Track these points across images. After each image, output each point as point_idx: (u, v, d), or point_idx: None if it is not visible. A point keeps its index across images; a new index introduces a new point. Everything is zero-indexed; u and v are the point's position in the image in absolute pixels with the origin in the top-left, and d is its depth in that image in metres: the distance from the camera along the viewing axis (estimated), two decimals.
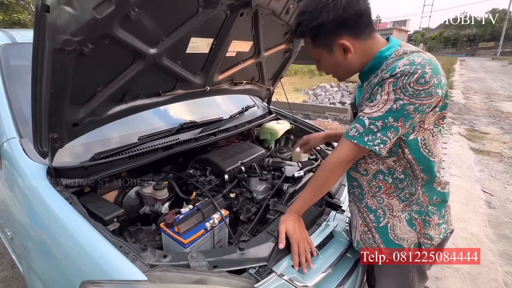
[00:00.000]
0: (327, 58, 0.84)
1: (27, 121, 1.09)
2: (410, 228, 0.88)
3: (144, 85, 1.10)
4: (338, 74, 0.90)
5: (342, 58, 0.82)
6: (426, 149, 0.80)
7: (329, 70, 0.89)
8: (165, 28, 0.95)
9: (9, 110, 1.09)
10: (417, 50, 0.76)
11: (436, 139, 0.81)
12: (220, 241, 1.01)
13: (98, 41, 0.76)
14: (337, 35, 0.79)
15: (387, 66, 0.76)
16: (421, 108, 0.72)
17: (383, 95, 0.73)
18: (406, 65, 0.70)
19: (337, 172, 0.84)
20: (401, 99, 0.70)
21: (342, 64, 0.84)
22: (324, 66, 0.88)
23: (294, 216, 0.92)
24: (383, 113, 0.73)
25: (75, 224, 0.80)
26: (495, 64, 20.24)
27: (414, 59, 0.70)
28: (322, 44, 0.81)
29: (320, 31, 0.78)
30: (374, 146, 0.75)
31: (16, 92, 1.15)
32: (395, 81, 0.70)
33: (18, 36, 1.45)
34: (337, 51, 0.81)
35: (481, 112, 6.98)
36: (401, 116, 0.72)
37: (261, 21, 1.30)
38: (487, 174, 3.61)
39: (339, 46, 0.79)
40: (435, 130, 0.80)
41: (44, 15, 0.61)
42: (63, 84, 0.76)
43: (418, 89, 0.69)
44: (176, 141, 1.29)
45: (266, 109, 2.03)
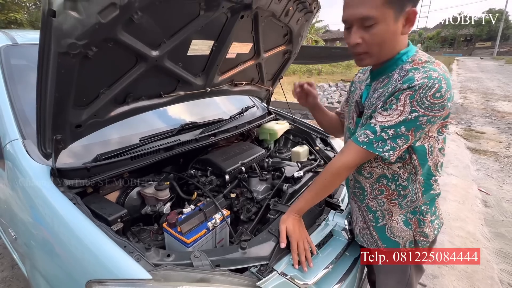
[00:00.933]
0: (390, 23, 0.72)
1: (30, 123, 1.10)
2: (406, 228, 0.91)
3: (146, 87, 1.12)
4: (380, 52, 0.78)
5: (399, 32, 0.74)
6: (432, 155, 0.82)
7: (378, 41, 0.75)
8: (167, 31, 0.97)
9: (12, 111, 1.10)
10: (431, 60, 0.76)
11: (439, 146, 0.83)
12: (221, 240, 1.02)
13: (102, 44, 0.77)
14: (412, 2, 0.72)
15: (402, 73, 0.76)
16: (433, 119, 0.73)
17: (398, 106, 0.73)
18: (424, 78, 0.70)
19: (342, 175, 0.86)
20: (417, 111, 0.71)
21: (395, 39, 0.75)
22: (378, 33, 0.73)
23: (295, 215, 0.94)
24: (396, 122, 0.73)
25: (79, 224, 0.81)
26: (492, 63, 20.38)
27: (431, 73, 0.71)
28: (396, 2, 0.70)
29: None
30: (384, 152, 0.76)
31: (18, 94, 1.16)
32: (413, 94, 0.71)
33: (18, 37, 1.46)
34: (401, 20, 0.72)
35: (477, 111, 7.04)
36: (413, 127, 0.73)
37: (261, 23, 1.31)
38: (483, 173, 3.66)
39: (407, 13, 0.72)
40: (439, 137, 0.82)
41: (50, 19, 0.62)
42: (67, 87, 0.77)
43: (434, 103, 0.71)
44: (177, 141, 1.30)
45: (266, 110, 2.05)
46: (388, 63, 0.82)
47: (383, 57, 0.80)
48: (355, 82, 1.05)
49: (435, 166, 0.86)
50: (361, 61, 0.81)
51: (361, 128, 0.82)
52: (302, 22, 1.49)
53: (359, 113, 0.91)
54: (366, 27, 0.73)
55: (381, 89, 0.83)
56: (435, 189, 0.90)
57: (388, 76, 0.82)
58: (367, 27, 0.73)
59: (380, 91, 0.83)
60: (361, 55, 0.79)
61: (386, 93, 0.78)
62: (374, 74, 0.88)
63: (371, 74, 0.90)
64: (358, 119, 0.92)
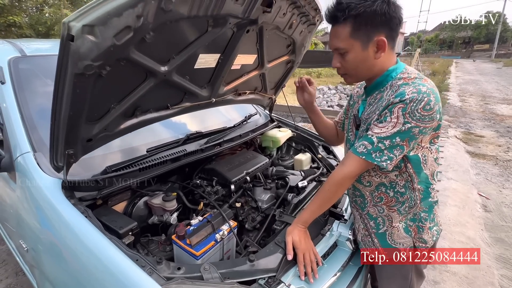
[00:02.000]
0: (358, 51, 0.82)
1: (40, 135, 1.12)
2: (406, 234, 0.95)
3: (154, 100, 1.14)
4: (355, 74, 0.89)
5: (371, 56, 0.83)
6: (426, 164, 0.87)
7: (351, 66, 0.86)
8: (176, 47, 0.99)
9: (22, 124, 1.12)
10: (419, 77, 0.83)
11: (433, 156, 0.89)
12: (228, 251, 1.04)
13: (115, 64, 0.79)
14: (379, 31, 0.80)
15: (393, 89, 0.83)
16: (424, 130, 0.79)
17: (392, 118, 0.78)
18: (414, 92, 0.76)
19: (344, 186, 0.90)
20: (409, 122, 0.77)
21: (368, 63, 0.84)
22: (349, 60, 0.85)
23: (301, 227, 0.96)
24: (391, 133, 0.79)
25: (92, 238, 0.83)
26: (490, 66, 20.50)
27: (420, 88, 0.77)
28: (361, 35, 0.80)
29: (367, 20, 0.78)
30: (382, 162, 0.81)
31: (28, 106, 1.18)
32: (405, 107, 0.77)
33: (26, 48, 1.48)
34: (371, 47, 0.82)
35: (476, 115, 7.09)
36: (407, 137, 0.79)
37: (266, 35, 1.34)
38: (483, 177, 3.69)
39: (376, 42, 0.81)
40: (432, 148, 0.87)
41: (68, 44, 0.65)
42: (81, 105, 0.80)
43: (424, 114, 0.76)
44: (184, 152, 1.32)
45: (268, 117, 2.08)
46: (379, 79, 0.89)
47: (361, 77, 0.93)
48: (353, 96, 1.11)
49: (432, 175, 0.91)
50: (345, 79, 0.94)
51: (358, 140, 0.87)
52: (305, 33, 1.52)
53: (356, 126, 0.97)
54: (341, 55, 0.86)
55: (375, 104, 0.89)
56: (433, 196, 0.94)
57: (381, 91, 0.89)
58: (342, 54, 0.86)
59: (375, 105, 0.89)
60: (344, 75, 0.92)
61: (381, 107, 0.84)
62: (368, 90, 0.95)
63: (365, 90, 0.97)
64: (357, 131, 0.98)
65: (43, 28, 9.78)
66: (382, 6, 0.76)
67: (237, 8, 0.99)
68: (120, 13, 0.66)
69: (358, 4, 0.77)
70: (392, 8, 0.78)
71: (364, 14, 0.77)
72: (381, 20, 0.78)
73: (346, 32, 0.81)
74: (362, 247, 1.04)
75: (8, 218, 1.33)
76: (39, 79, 1.33)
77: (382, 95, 0.88)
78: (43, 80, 1.33)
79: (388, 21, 0.79)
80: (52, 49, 1.63)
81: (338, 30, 0.83)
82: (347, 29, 0.80)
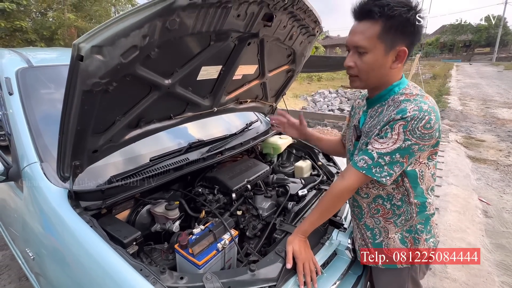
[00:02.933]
0: (379, 55, 0.80)
1: (47, 145, 1.15)
2: (402, 245, 0.96)
3: (157, 111, 1.17)
4: (366, 78, 0.86)
5: (388, 65, 0.82)
6: (422, 179, 0.89)
7: (366, 68, 0.83)
8: (179, 61, 1.03)
9: (29, 134, 1.15)
10: (421, 93, 0.84)
11: (430, 171, 0.90)
12: (230, 259, 1.06)
13: (121, 79, 0.83)
14: (403, 40, 0.79)
15: (395, 104, 0.84)
16: (423, 148, 0.81)
17: (393, 135, 0.79)
18: (415, 110, 0.77)
19: (343, 198, 0.92)
20: (409, 139, 0.78)
21: (382, 70, 0.83)
22: (367, 62, 0.82)
23: (301, 237, 0.98)
24: (391, 150, 0.80)
25: (97, 248, 0.86)
26: (491, 69, 20.51)
27: (422, 105, 0.78)
28: (388, 39, 0.78)
29: (399, 25, 0.76)
30: (382, 178, 0.82)
31: (35, 116, 1.21)
32: (406, 124, 0.78)
33: (32, 59, 1.51)
34: (391, 55, 0.81)
35: (477, 119, 7.10)
36: (406, 154, 0.80)
37: (266, 46, 1.37)
38: (483, 182, 3.69)
39: (397, 51, 0.80)
40: (430, 163, 0.89)
41: (77, 63, 0.68)
42: (88, 119, 0.83)
43: (424, 133, 0.78)
44: (186, 161, 1.35)
45: (269, 124, 2.10)
46: (382, 93, 0.90)
47: (370, 83, 0.90)
48: (355, 107, 1.13)
49: (427, 190, 0.92)
50: (353, 82, 0.90)
51: (359, 153, 0.89)
52: (305, 44, 1.55)
53: (357, 137, 0.99)
54: (359, 54, 0.83)
55: (377, 117, 0.90)
56: (429, 209, 0.95)
57: (382, 105, 0.90)
58: (360, 54, 0.83)
59: (376, 119, 0.90)
60: (353, 77, 0.89)
61: (382, 122, 0.85)
62: (370, 102, 0.96)
63: (367, 102, 0.98)
64: (356, 142, 0.99)
65: (47, 33, 9.92)
66: (414, 18, 0.76)
67: (238, 23, 1.03)
68: (128, 33, 0.70)
69: (396, 6, 0.75)
70: (419, 23, 0.78)
71: (399, 18, 0.76)
72: (410, 30, 0.78)
73: (374, 31, 0.78)
74: (359, 257, 1.06)
75: (14, 225, 1.35)
76: (45, 89, 1.37)
77: (383, 109, 0.89)
78: (50, 91, 1.37)
79: (413, 34, 0.79)
80: (58, 58, 1.67)
81: (366, 27, 0.79)
82: (376, 28, 0.78)
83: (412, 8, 0.77)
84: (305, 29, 1.42)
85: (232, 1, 0.88)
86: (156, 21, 0.73)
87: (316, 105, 8.74)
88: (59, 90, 1.33)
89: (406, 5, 0.76)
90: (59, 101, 0.78)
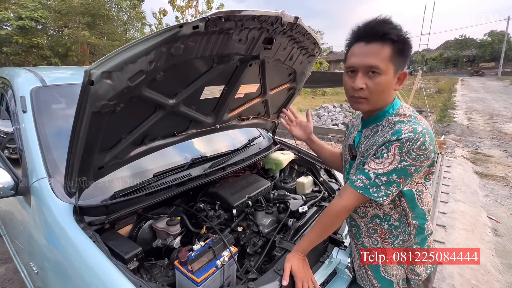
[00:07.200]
0: (390, 76, 0.83)
1: (55, 161, 1.20)
2: (399, 266, 0.95)
3: (162, 128, 1.22)
4: (376, 99, 0.86)
5: (393, 86, 0.86)
6: (420, 200, 0.89)
7: (378, 89, 0.84)
8: (183, 82, 1.08)
9: (40, 151, 1.20)
10: (414, 115, 0.87)
11: (427, 191, 0.91)
12: (229, 277, 1.06)
13: (128, 101, 0.88)
14: (404, 63, 0.84)
15: (390, 125, 0.86)
16: (419, 169, 0.82)
17: (389, 156, 0.81)
18: (410, 132, 0.79)
19: (341, 217, 0.93)
20: (405, 160, 0.80)
21: (390, 91, 0.86)
22: (379, 83, 0.82)
23: (300, 255, 0.99)
24: (388, 170, 0.81)
25: (99, 263, 0.88)
26: (497, 84, 20.43)
27: (416, 127, 0.80)
28: (397, 61, 0.82)
29: (406, 49, 0.81)
30: (379, 198, 0.83)
31: (46, 134, 1.27)
32: (401, 145, 0.79)
33: (47, 78, 1.59)
34: (396, 77, 0.85)
35: (484, 133, 7.01)
36: (403, 175, 0.81)
37: (267, 67, 1.43)
38: (492, 199, 3.61)
39: (400, 74, 0.85)
40: (426, 183, 0.89)
41: (88, 87, 0.73)
42: (96, 138, 0.87)
43: (419, 154, 0.79)
44: (188, 177, 1.38)
45: (271, 140, 2.14)
46: (378, 114, 0.92)
47: (378, 105, 0.89)
48: (350, 126, 1.15)
49: (429, 212, 0.93)
50: (359, 104, 0.88)
51: (355, 173, 0.90)
52: (306, 63, 1.61)
53: (352, 156, 1.00)
54: (370, 76, 0.82)
55: (372, 137, 0.93)
56: (427, 230, 0.95)
57: (377, 125, 0.93)
58: (371, 76, 0.82)
59: (371, 139, 0.92)
60: (360, 99, 0.87)
61: (378, 142, 0.87)
62: (365, 122, 0.98)
63: (362, 122, 1.01)
64: (352, 161, 1.01)
65: (62, 50, 10.37)
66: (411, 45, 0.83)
67: (240, 47, 1.09)
68: (135, 60, 0.75)
69: (403, 32, 0.80)
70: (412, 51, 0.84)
71: (408, 42, 0.81)
72: (409, 54, 0.83)
73: (387, 53, 0.80)
74: (358, 281, 1.04)
75: (20, 238, 1.38)
76: (57, 108, 1.44)
77: (378, 129, 0.91)
78: (62, 109, 1.44)
79: (408, 58, 0.84)
80: (71, 77, 1.76)
81: (377, 49, 0.80)
82: (387, 50, 0.80)
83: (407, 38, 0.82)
84: (305, 50, 1.47)
85: (233, 28, 0.94)
86: (162, 48, 0.79)
87: (320, 120, 8.79)
88: (70, 107, 1.39)
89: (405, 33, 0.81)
90: (70, 118, 0.82)
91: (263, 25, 1.02)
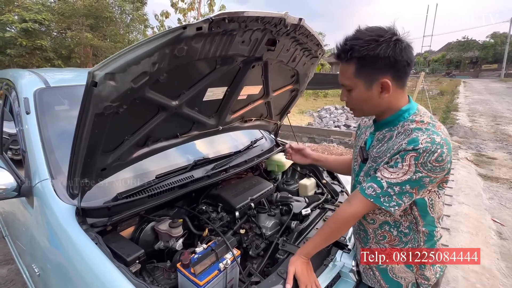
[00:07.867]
0: (361, 91, 0.84)
1: (58, 162, 1.20)
2: (408, 269, 0.94)
3: (164, 130, 1.22)
4: (361, 110, 0.90)
5: (376, 96, 0.84)
6: (432, 208, 0.87)
7: (356, 103, 0.88)
8: (186, 84, 1.08)
9: (43, 152, 1.20)
10: (433, 122, 0.83)
11: (440, 200, 0.88)
12: (231, 280, 1.05)
13: (131, 102, 0.87)
14: (383, 73, 0.80)
15: (406, 132, 0.82)
16: (434, 180, 0.80)
17: (404, 166, 0.78)
18: (428, 142, 0.76)
19: (349, 224, 0.92)
20: (420, 172, 0.77)
21: (372, 102, 0.86)
22: (354, 97, 0.87)
23: (303, 258, 0.97)
24: (402, 181, 0.79)
25: (101, 265, 0.87)
26: (500, 85, 20.32)
27: (434, 137, 0.77)
28: (364, 76, 0.82)
29: (370, 63, 0.79)
30: (390, 208, 0.81)
31: (49, 135, 1.27)
32: (417, 156, 0.76)
33: (50, 79, 1.59)
34: (375, 88, 0.83)
35: (487, 135, 6.96)
36: (417, 185, 0.79)
37: (270, 68, 1.43)
38: (496, 202, 3.57)
39: (380, 84, 0.82)
40: (440, 192, 0.87)
41: (92, 89, 0.73)
42: (99, 140, 0.87)
43: (436, 166, 0.77)
44: (191, 178, 1.37)
45: (274, 142, 2.13)
46: (390, 118, 0.89)
47: (367, 113, 0.97)
48: (361, 126, 1.12)
49: (439, 219, 0.91)
50: (354, 112, 0.96)
51: (367, 180, 0.88)
52: (308, 65, 1.61)
53: (363, 159, 0.97)
54: (347, 91, 0.89)
55: (386, 143, 0.89)
56: (436, 236, 0.93)
57: (391, 130, 0.89)
58: (348, 91, 0.89)
59: (385, 145, 0.89)
60: (351, 109, 0.95)
61: (392, 150, 0.83)
62: (378, 125, 0.95)
63: (374, 124, 0.97)
64: (362, 164, 0.98)
65: (65, 51, 10.45)
66: (386, 50, 0.76)
67: (243, 48, 1.08)
68: (138, 61, 0.75)
69: (362, 46, 0.77)
70: (398, 52, 0.77)
71: (367, 57, 0.78)
72: (385, 63, 0.78)
73: (350, 71, 0.83)
74: (365, 282, 1.03)
75: (22, 239, 1.38)
76: (60, 109, 1.44)
77: (392, 135, 0.87)
78: (65, 110, 1.44)
79: (393, 64, 0.79)
80: (74, 79, 1.76)
81: (344, 68, 0.85)
82: (352, 68, 0.82)
83: (383, 42, 0.77)
84: (308, 52, 1.47)
85: (237, 29, 0.93)
86: (165, 49, 0.78)
87: (322, 121, 8.78)
88: (73, 109, 1.39)
89: (376, 40, 0.77)
90: (73, 119, 0.82)
91: (266, 27, 1.02)
